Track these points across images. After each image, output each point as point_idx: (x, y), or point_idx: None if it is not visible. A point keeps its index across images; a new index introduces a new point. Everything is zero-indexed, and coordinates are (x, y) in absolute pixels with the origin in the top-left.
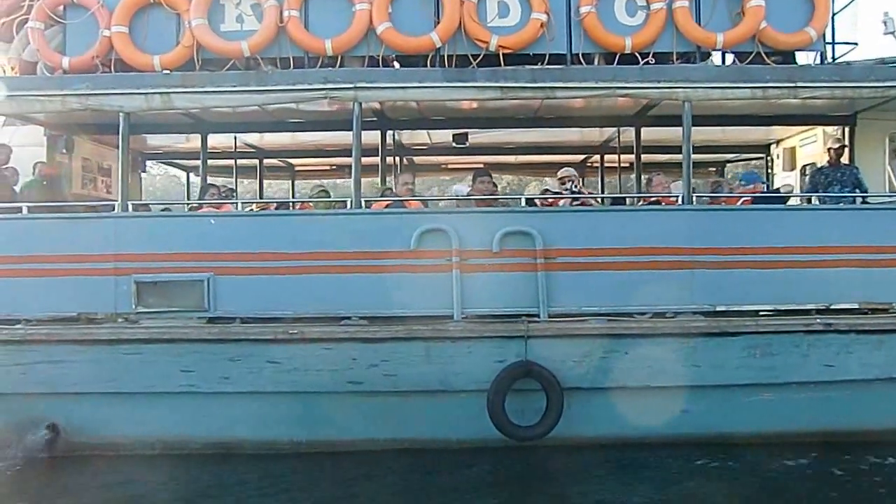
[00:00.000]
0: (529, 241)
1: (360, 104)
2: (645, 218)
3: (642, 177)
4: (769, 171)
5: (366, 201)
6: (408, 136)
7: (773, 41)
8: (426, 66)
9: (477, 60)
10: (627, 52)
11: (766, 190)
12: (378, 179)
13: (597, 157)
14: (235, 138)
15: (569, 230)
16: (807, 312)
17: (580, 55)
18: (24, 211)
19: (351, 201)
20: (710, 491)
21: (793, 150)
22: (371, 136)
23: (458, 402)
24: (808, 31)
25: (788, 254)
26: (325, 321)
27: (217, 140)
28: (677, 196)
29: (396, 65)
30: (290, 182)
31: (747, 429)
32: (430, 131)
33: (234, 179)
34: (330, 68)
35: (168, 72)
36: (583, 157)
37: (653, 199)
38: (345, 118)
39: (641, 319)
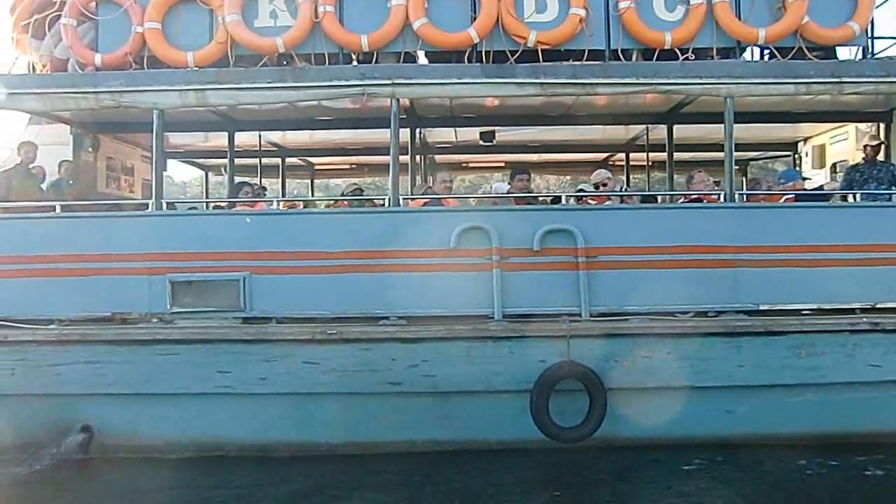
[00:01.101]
0: (571, 240)
1: (398, 100)
2: (687, 216)
3: (674, 175)
4: (796, 169)
5: (403, 199)
6: (431, 134)
7: (815, 36)
8: (457, 62)
9: (515, 56)
10: (667, 47)
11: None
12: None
13: (620, 154)
14: (260, 136)
15: (610, 228)
16: (852, 311)
17: (619, 51)
18: (58, 210)
19: (389, 199)
20: (754, 493)
21: (822, 147)
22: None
23: (498, 402)
24: (851, 26)
25: (833, 252)
26: (363, 321)
27: (240, 138)
28: (719, 194)
29: (423, 60)
30: (309, 181)
31: (791, 430)
32: (457, 129)
33: (258, 178)
34: (366, 64)
35: (197, 69)
36: (606, 154)
37: (694, 196)
38: (373, 115)
39: (684, 318)
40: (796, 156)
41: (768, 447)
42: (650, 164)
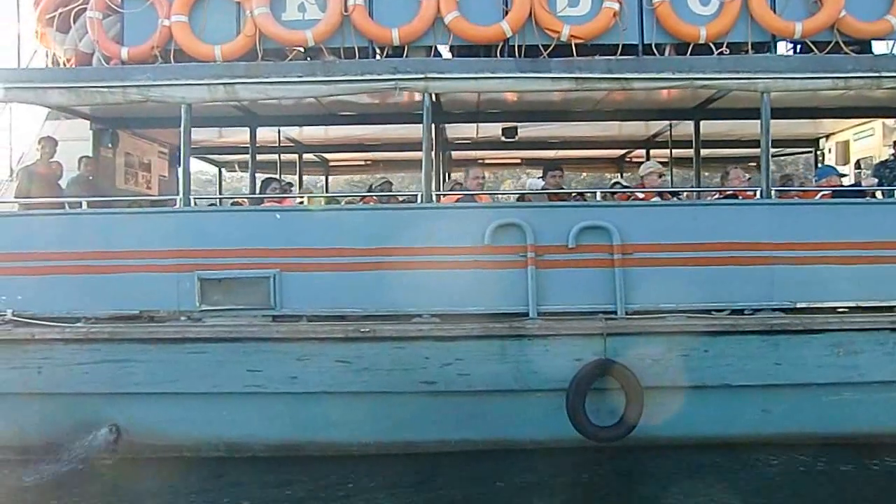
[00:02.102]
0: (606, 236)
1: (431, 95)
2: (724, 212)
3: (701, 171)
4: (817, 165)
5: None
6: (450, 130)
7: (852, 30)
8: (485, 56)
9: (547, 51)
10: (702, 42)
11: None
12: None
13: (639, 151)
14: (279, 132)
15: (646, 225)
16: (891, 309)
17: (653, 45)
18: (84, 206)
19: (421, 195)
20: (797, 494)
21: (846, 143)
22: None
23: (533, 401)
24: (889, 20)
25: (871, 249)
26: (395, 319)
27: (258, 134)
28: (755, 190)
29: (447, 55)
30: (324, 178)
31: (828, 429)
32: (480, 125)
33: (278, 174)
34: (398, 58)
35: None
36: (624, 151)
37: (729, 192)
38: (395, 111)
39: (721, 316)
40: (818, 152)
41: (804, 447)
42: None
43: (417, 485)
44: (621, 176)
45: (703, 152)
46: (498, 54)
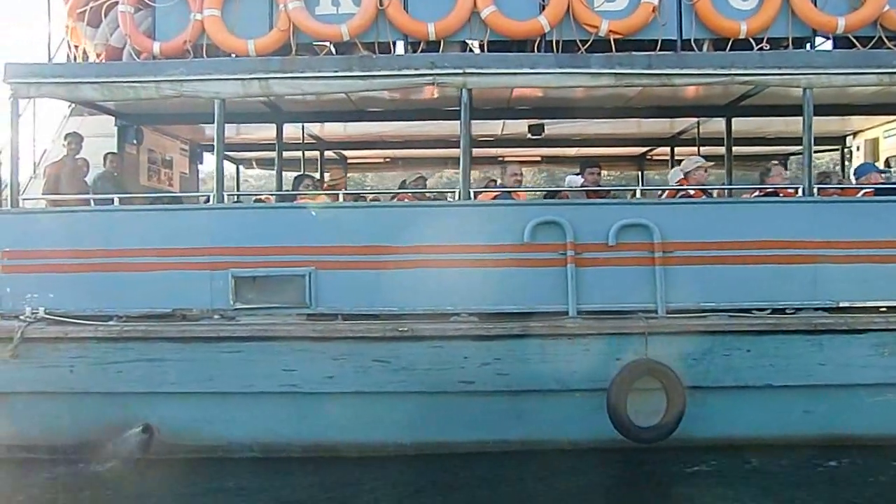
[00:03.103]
0: (647, 234)
1: (469, 91)
2: (766, 210)
3: (732, 169)
4: (844, 163)
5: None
6: (475, 127)
7: (894, 24)
8: (518, 51)
9: (585, 46)
10: (742, 37)
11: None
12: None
13: (661, 149)
14: (303, 128)
15: (688, 223)
16: None
17: (692, 41)
18: (115, 203)
19: (459, 192)
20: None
21: (875, 141)
22: (437, 126)
23: (572, 401)
24: None
25: None
26: (432, 318)
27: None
28: (797, 188)
29: (476, 50)
30: (361, 175)
31: (872, 431)
32: (506, 122)
33: (301, 171)
34: (435, 53)
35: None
36: (645, 149)
37: (770, 190)
38: (425, 107)
39: (764, 316)
40: (844, 149)
41: (846, 449)
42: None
43: (453, 486)
44: (641, 174)
45: (711, 150)
46: (534, 49)
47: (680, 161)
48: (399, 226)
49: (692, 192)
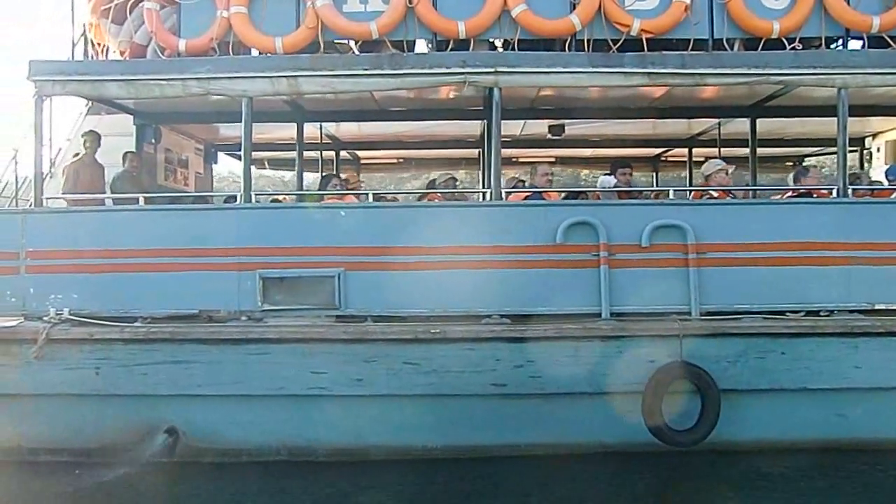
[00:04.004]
0: (681, 236)
1: (500, 90)
2: (800, 211)
3: (758, 169)
4: (863, 164)
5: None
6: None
7: None
8: (544, 50)
9: (617, 45)
10: (774, 36)
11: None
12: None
13: (677, 150)
14: (321, 127)
15: (721, 224)
16: None
17: (724, 40)
18: (141, 202)
19: (490, 193)
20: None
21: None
22: (456, 127)
23: (605, 404)
24: None
25: None
26: (462, 319)
27: (292, 131)
28: (831, 189)
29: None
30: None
31: None
32: (527, 122)
33: (320, 171)
34: (466, 51)
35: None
36: (660, 150)
37: (803, 191)
38: (445, 107)
39: (799, 318)
40: (863, 151)
41: (880, 453)
42: (705, 159)
43: (483, 489)
44: (656, 175)
45: (740, 152)
46: (563, 48)
47: (698, 162)
48: (430, 226)
49: (716, 193)
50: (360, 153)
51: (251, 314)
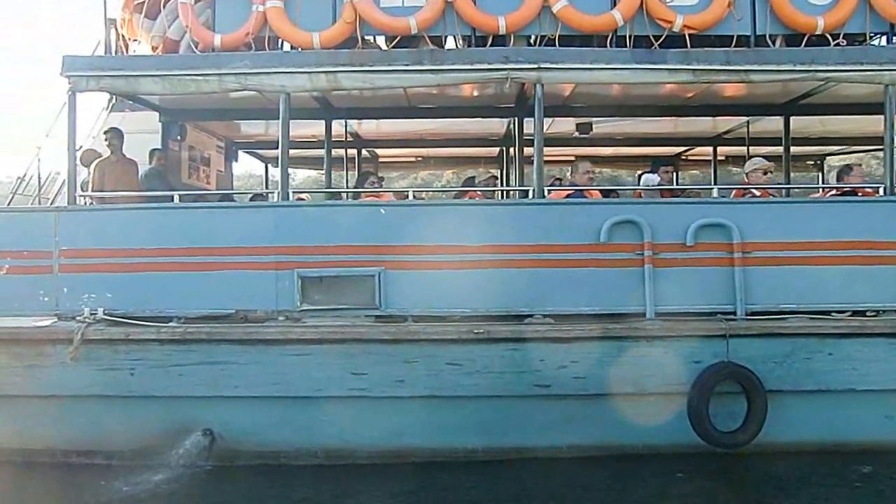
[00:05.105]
0: (726, 234)
1: (542, 86)
2: (847, 210)
3: (790, 169)
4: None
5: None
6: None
7: None
8: (581, 45)
9: (658, 41)
10: (818, 32)
11: None
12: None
13: (700, 149)
14: (346, 125)
15: (767, 222)
16: None
17: (766, 36)
18: (176, 200)
19: (533, 191)
20: None
21: None
22: (477, 124)
23: (649, 405)
24: None
25: None
26: (505, 319)
27: (312, 129)
28: (877, 187)
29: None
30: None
31: None
32: (555, 119)
33: (344, 169)
34: (509, 47)
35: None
36: (682, 149)
37: (847, 189)
38: (474, 104)
39: (846, 318)
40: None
41: None
42: (725, 158)
43: (525, 493)
44: (676, 174)
45: (761, 150)
46: (605, 44)
47: (721, 162)
48: (471, 224)
49: (757, 192)
50: (379, 151)
51: (289, 314)
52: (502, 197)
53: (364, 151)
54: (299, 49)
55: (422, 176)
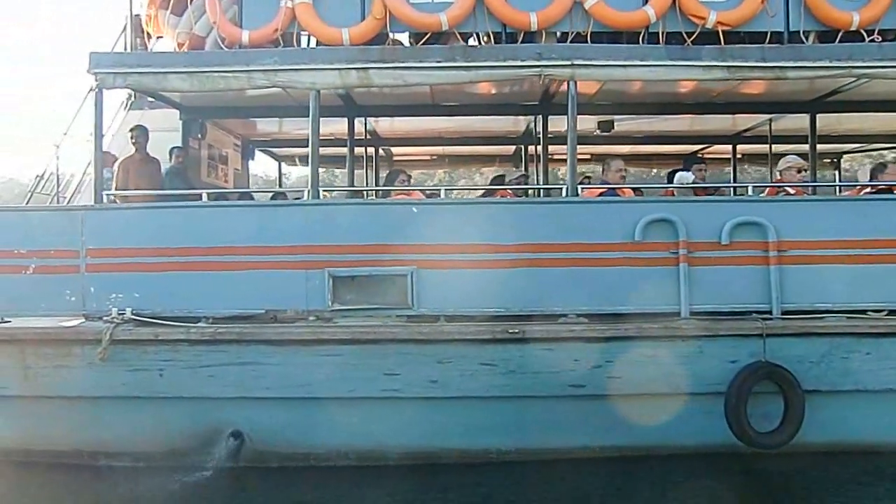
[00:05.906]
0: (761, 233)
1: (576, 83)
2: (883, 207)
3: (816, 167)
4: None
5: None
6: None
7: None
8: (610, 42)
9: (691, 38)
10: (853, 28)
11: None
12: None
13: (715, 147)
14: (366, 123)
15: (803, 221)
16: None
17: (800, 32)
18: (204, 198)
19: (567, 189)
20: None
21: None
22: (496, 123)
23: (684, 405)
24: None
25: None
26: (538, 319)
27: (333, 127)
28: None
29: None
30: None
31: None
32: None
33: (364, 168)
34: (541, 44)
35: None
36: (698, 147)
37: (882, 187)
38: (506, 101)
39: (883, 317)
40: None
41: None
42: (741, 156)
43: (559, 494)
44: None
45: (779, 148)
46: (638, 41)
47: (740, 160)
48: (504, 223)
49: (792, 191)
50: (395, 149)
51: (320, 314)
52: (533, 195)
53: (380, 150)
54: (320, 44)
55: (438, 175)
